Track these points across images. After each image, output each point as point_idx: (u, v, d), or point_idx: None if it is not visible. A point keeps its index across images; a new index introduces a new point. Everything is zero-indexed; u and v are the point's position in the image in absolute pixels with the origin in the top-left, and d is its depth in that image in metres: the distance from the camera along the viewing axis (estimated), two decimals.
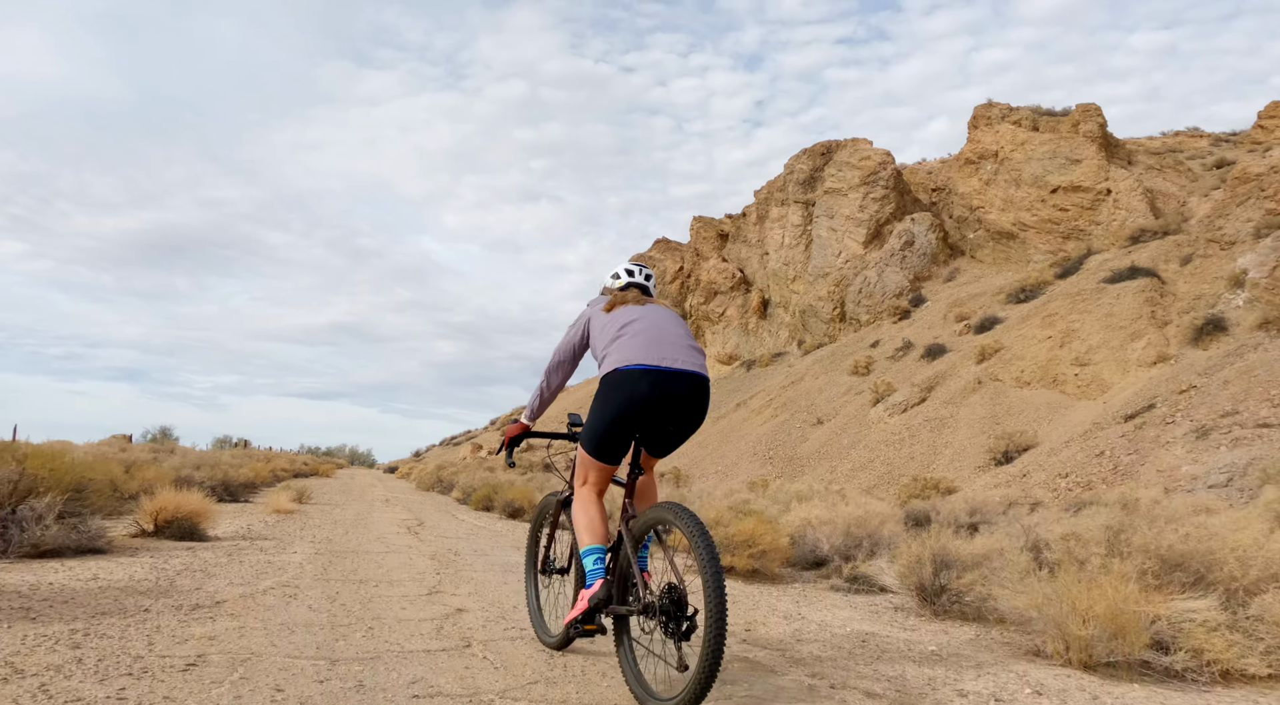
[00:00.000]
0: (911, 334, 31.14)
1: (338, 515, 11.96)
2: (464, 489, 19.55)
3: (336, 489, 21.68)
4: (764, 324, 43.45)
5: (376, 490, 23.65)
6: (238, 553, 7.01)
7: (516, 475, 23.17)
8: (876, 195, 39.01)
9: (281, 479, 24.43)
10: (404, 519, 12.09)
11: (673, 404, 3.57)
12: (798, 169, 44.46)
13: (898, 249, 36.85)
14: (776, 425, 29.18)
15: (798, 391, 31.13)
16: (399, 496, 20.59)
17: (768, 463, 26.86)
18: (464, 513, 15.20)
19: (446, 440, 64.01)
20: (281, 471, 24.48)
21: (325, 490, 19.85)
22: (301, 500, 13.98)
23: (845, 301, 36.98)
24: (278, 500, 11.75)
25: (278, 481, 22.32)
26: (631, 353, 3.61)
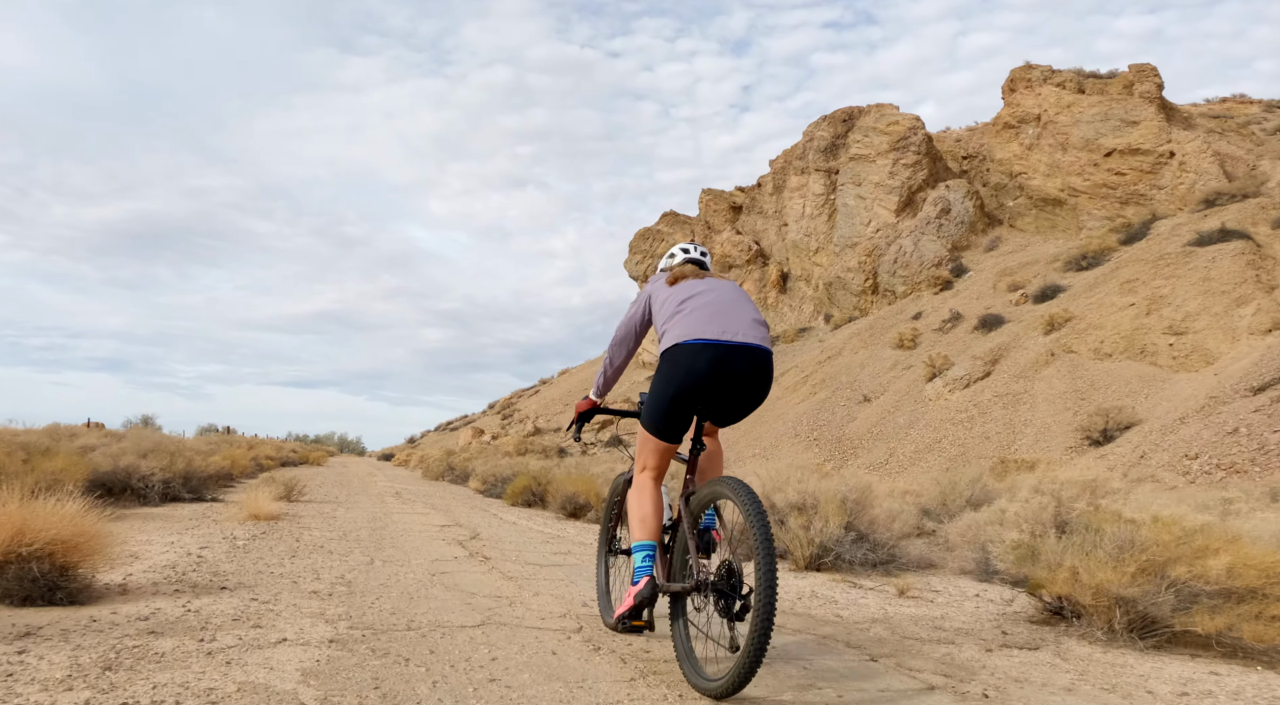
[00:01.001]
0: (958, 305, 28.42)
1: (345, 521, 8.54)
2: (485, 478, 16.60)
3: (332, 480, 18.84)
4: (784, 298, 40.63)
5: (379, 481, 20.63)
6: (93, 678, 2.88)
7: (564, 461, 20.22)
8: (908, 161, 36.20)
9: (268, 468, 21.38)
10: (443, 527, 8.79)
11: (733, 378, 3.38)
12: (818, 136, 41.56)
13: (933, 217, 34.10)
14: (817, 403, 26.43)
15: (836, 367, 28.38)
16: (409, 489, 17.67)
17: (813, 444, 24.12)
18: (506, 511, 12.15)
19: (442, 425, 60.81)
20: (266, 460, 21.34)
21: (319, 482, 16.89)
22: (290, 497, 10.69)
23: (878, 272, 34.20)
24: (257, 499, 8.22)
25: (262, 471, 19.34)
26: (691, 327, 3.44)
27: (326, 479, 19.08)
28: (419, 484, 20.15)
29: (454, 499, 14.15)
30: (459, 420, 59.13)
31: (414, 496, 14.26)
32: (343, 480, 18.83)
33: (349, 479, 20.56)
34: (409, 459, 40.62)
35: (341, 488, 15.02)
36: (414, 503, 12.50)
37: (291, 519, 8.42)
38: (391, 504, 12.02)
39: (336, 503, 11.39)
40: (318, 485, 15.01)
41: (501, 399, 56.28)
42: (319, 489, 13.90)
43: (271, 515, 8.04)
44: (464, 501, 13.69)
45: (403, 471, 30.55)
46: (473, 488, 17.59)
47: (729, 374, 3.35)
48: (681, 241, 5.23)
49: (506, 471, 16.22)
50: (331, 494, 13.07)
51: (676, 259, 4.04)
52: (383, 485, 17.42)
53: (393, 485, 17.62)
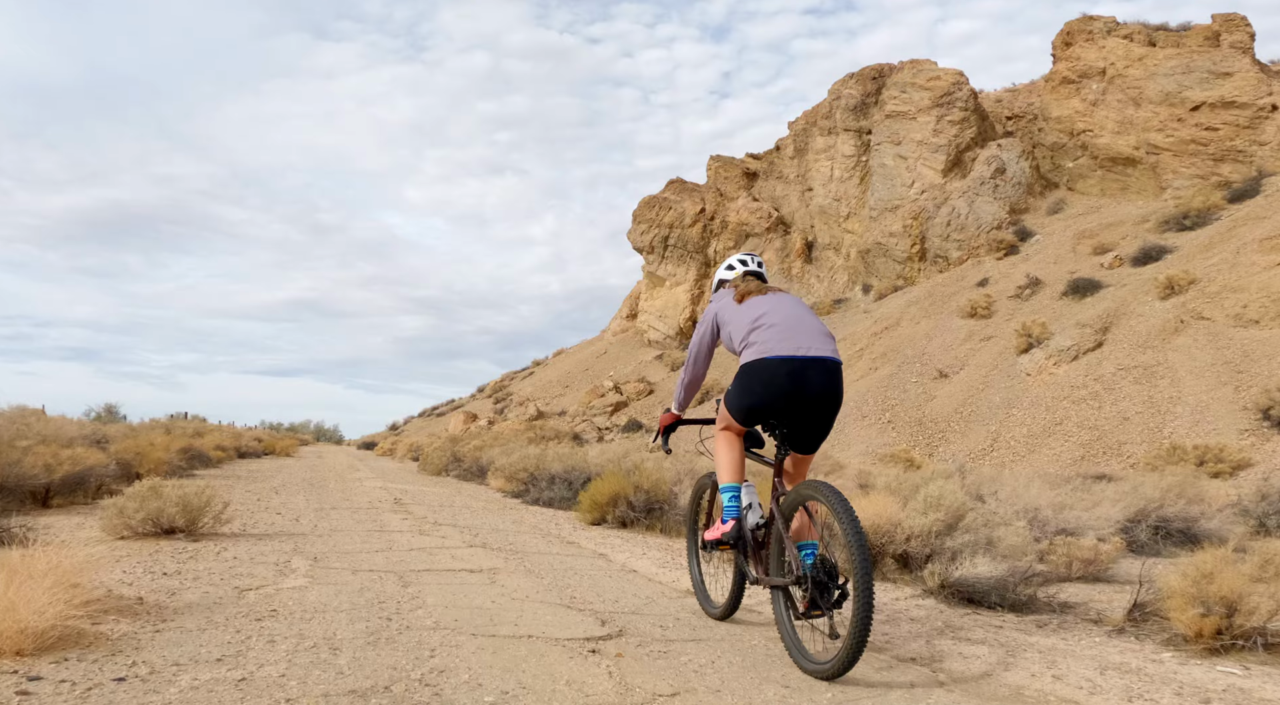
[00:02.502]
0: (1032, 270, 24.60)
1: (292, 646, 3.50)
2: (513, 474, 12.37)
3: (298, 479, 14.51)
4: (811, 269, 36.65)
5: (362, 477, 16.06)
6: None
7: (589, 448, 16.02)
8: (954, 118, 32.29)
9: (220, 460, 16.90)
10: (567, 630, 3.93)
11: (809, 388, 3.62)
12: (845, 94, 37.52)
13: (987, 177, 30.24)
14: (881, 380, 22.47)
15: (896, 339, 24.44)
16: (408, 488, 13.29)
17: (887, 427, 20.15)
18: (615, 541, 7.89)
19: (428, 411, 56.03)
20: (216, 451, 16.77)
21: (276, 484, 12.33)
22: (189, 529, 5.84)
23: (926, 237, 30.29)
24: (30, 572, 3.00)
25: (203, 467, 14.95)
26: (770, 343, 3.67)
27: (291, 477, 14.66)
28: (418, 481, 15.82)
29: (492, 512, 9.59)
30: (445, 405, 54.50)
31: (422, 503, 10.07)
32: (314, 479, 14.32)
33: (322, 476, 16.05)
34: (394, 447, 36.01)
35: (311, 492, 10.57)
36: (439, 529, 7.65)
37: (108, 652, 3.08)
38: (394, 524, 7.73)
39: (290, 536, 6.31)
40: (271, 491, 10.51)
41: (491, 382, 51.76)
42: (270, 499, 9.27)
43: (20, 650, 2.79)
44: (508, 516, 9.30)
45: (390, 464, 26.02)
46: (495, 487, 13.32)
47: (807, 383, 3.60)
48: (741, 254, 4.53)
49: (547, 464, 11.94)
50: (289, 509, 8.22)
51: (737, 271, 4.30)
52: (368, 484, 13.01)
53: (384, 485, 13.20)
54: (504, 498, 11.82)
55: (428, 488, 13.37)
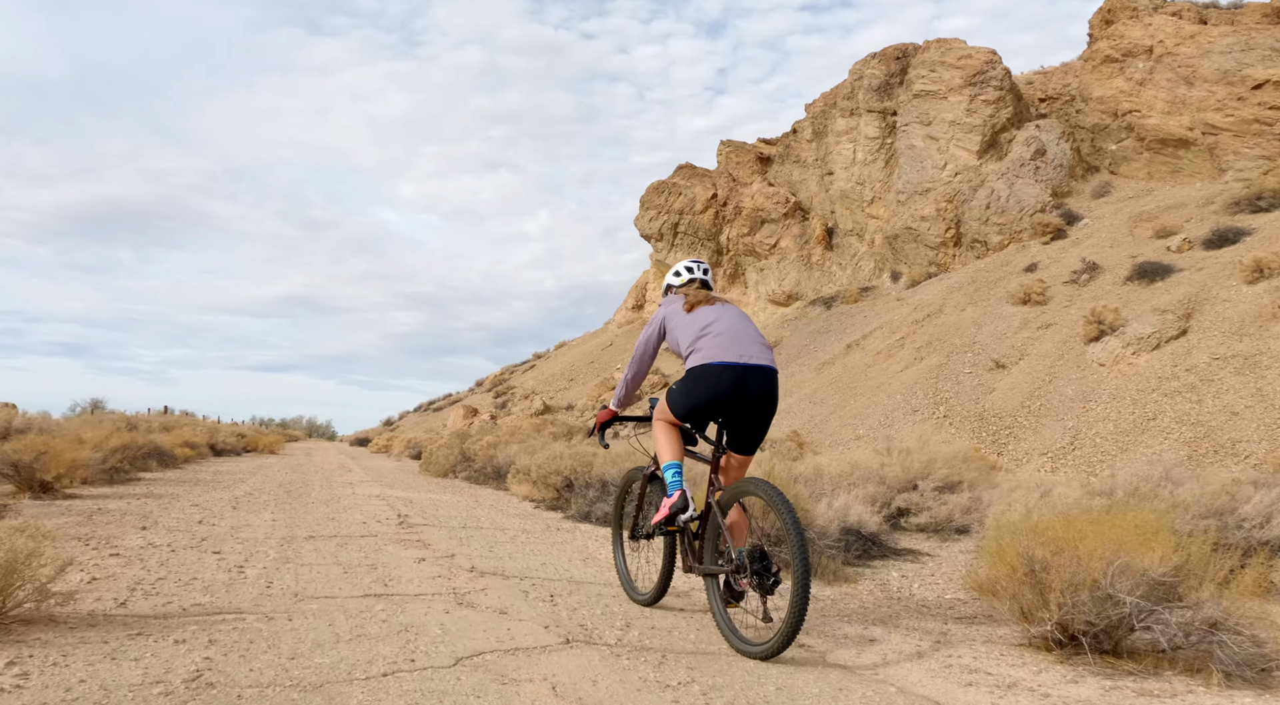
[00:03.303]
0: (1088, 254, 22.59)
1: None
2: (542, 478, 10.18)
3: (277, 479, 12.44)
4: (832, 256, 34.56)
5: (355, 481, 13.68)
6: None
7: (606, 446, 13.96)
8: (989, 97, 30.24)
9: (187, 459, 14.64)
10: None
11: (748, 395, 3.97)
12: (868, 74, 35.42)
13: (1027, 159, 28.21)
14: (928, 370, 20.41)
15: (940, 327, 22.38)
16: (412, 497, 11.09)
17: (943, 421, 18.08)
18: None
19: (423, 406, 53.53)
20: (182, 449, 14.56)
21: (247, 485, 10.52)
22: None
23: (961, 221, 28.24)
24: None
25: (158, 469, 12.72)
26: (716, 351, 4.03)
27: (265, 481, 12.43)
28: (423, 486, 13.62)
29: (542, 541, 7.23)
30: (442, 400, 52.11)
31: (451, 537, 7.30)
32: (294, 484, 12.12)
33: (305, 480, 13.73)
34: (389, 443, 33.73)
35: (284, 506, 8.39)
36: (483, 584, 5.11)
37: None
38: (418, 593, 4.96)
39: (208, 620, 3.90)
40: (228, 506, 8.43)
41: (490, 376, 49.44)
42: (220, 521, 7.01)
43: None
44: (566, 546, 6.93)
45: (386, 462, 23.72)
46: (521, 495, 11.12)
47: (746, 388, 3.98)
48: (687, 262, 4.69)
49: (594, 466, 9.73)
50: (240, 541, 5.85)
51: (683, 278, 4.69)
52: (365, 495, 10.70)
53: (382, 493, 10.97)
54: (535, 509, 9.64)
55: (436, 495, 11.15)
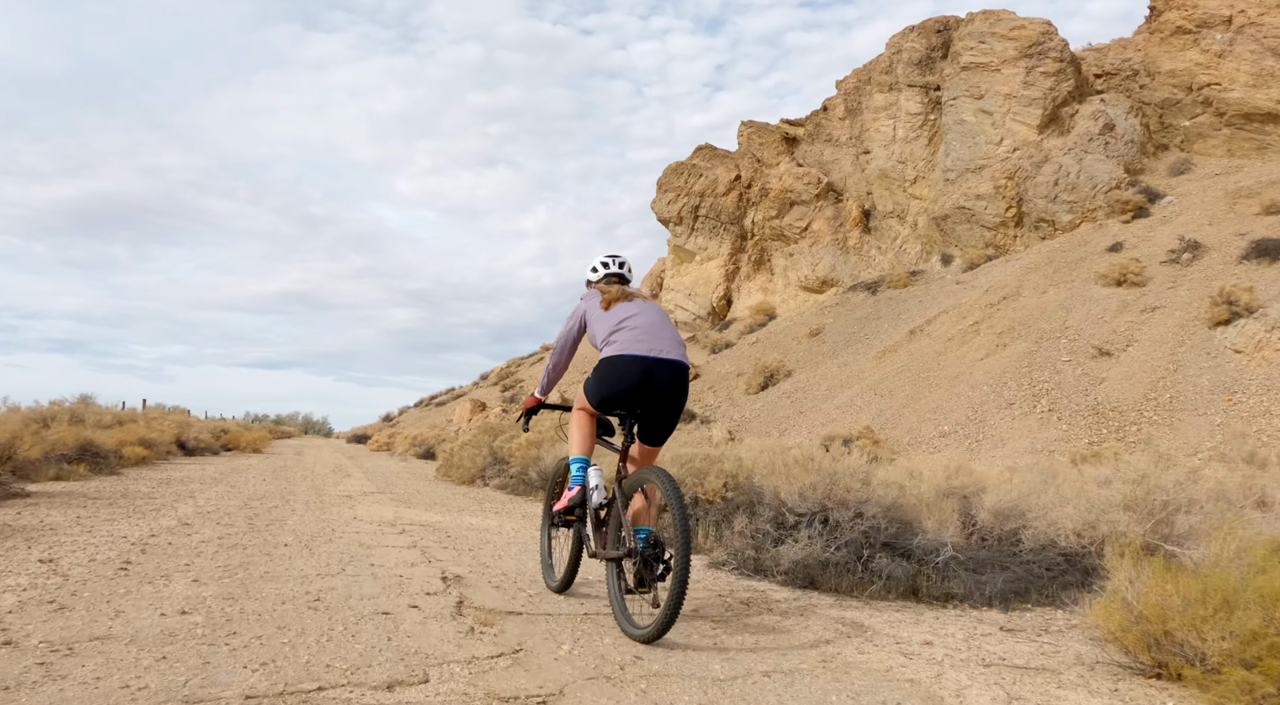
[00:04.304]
0: (1184, 232, 20.07)
1: None
2: None
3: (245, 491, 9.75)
4: (869, 239, 31.93)
5: (356, 493, 11.21)
6: None
7: None
8: (1047, 69, 27.67)
9: (140, 460, 11.83)
10: None
11: (655, 387, 4.06)
12: (907, 48, 32.83)
13: (1095, 134, 25.67)
14: (1014, 360, 17.81)
15: (1020, 312, 19.78)
16: (451, 523, 8.29)
17: (1049, 417, 15.47)
18: None
19: (424, 401, 50.36)
20: (135, 449, 11.72)
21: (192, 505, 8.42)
22: None
23: (1024, 199, 25.65)
24: None
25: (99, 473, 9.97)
26: (627, 344, 4.12)
27: (226, 495, 9.77)
28: (453, 503, 10.74)
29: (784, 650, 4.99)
30: (445, 394, 49.07)
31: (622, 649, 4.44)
32: (268, 499, 9.48)
33: (287, 490, 11.00)
34: (391, 441, 30.74)
35: (236, 552, 5.76)
36: None
37: None
38: None
39: None
40: (111, 564, 6.11)
41: (496, 369, 46.53)
42: (73, 607, 5.14)
43: None
44: None
45: (390, 462, 20.72)
46: None
47: (654, 380, 4.05)
48: (604, 256, 4.62)
49: (741, 471, 7.03)
50: None
51: (599, 273, 4.68)
52: (374, 523, 7.65)
53: (399, 516, 8.24)
54: None
55: (480, 519, 8.21)
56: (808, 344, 25.89)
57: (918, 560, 4.72)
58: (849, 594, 4.71)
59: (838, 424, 18.92)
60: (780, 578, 4.95)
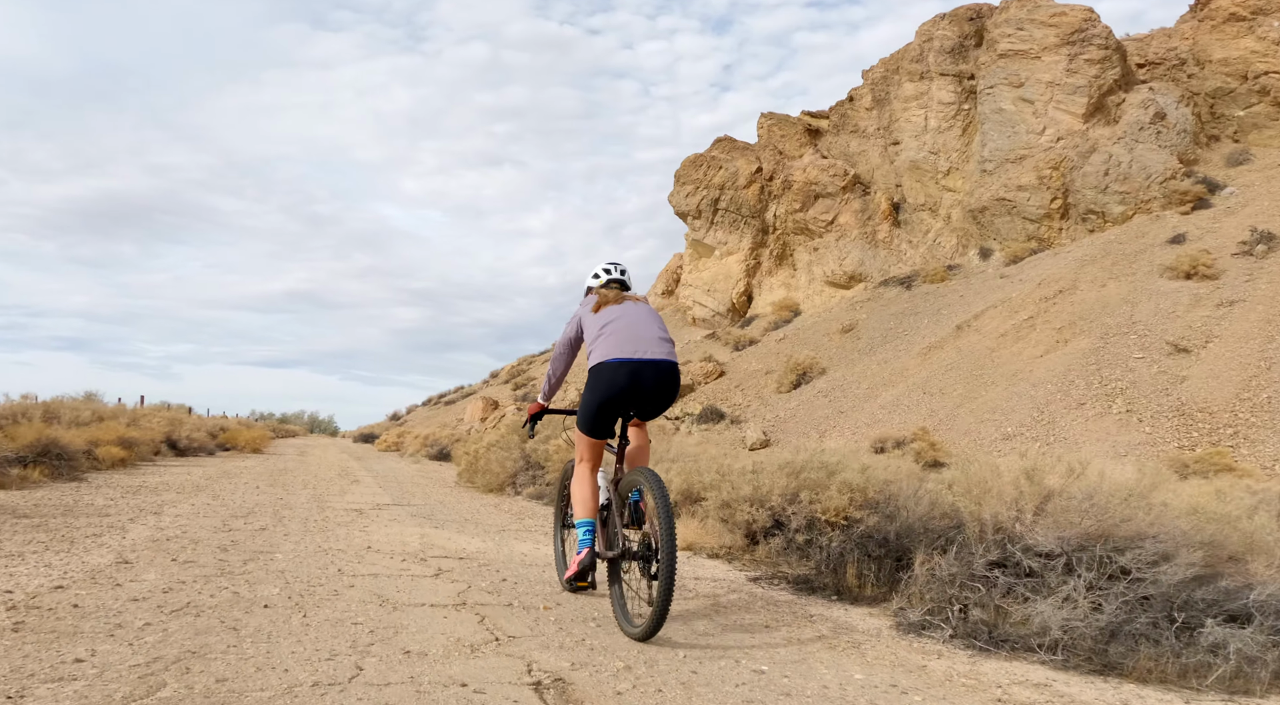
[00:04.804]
0: (1254, 223, 18.69)
1: None
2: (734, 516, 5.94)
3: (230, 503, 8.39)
4: (900, 233, 30.53)
5: (368, 506, 9.70)
6: None
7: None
8: (1091, 57, 26.29)
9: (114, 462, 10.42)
10: None
11: (645, 386, 4.08)
12: (938, 35, 31.48)
13: (1146, 123, 24.29)
14: (1080, 356, 16.42)
15: (1080, 306, 18.39)
16: (499, 553, 6.79)
17: (1128, 419, 14.08)
18: None
19: (433, 399, 48.78)
20: (111, 449, 10.24)
21: (129, 539, 6.15)
22: None
23: (1071, 190, 24.28)
24: None
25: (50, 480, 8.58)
26: (610, 348, 4.11)
27: (206, 510, 8.51)
28: (490, 522, 9.08)
29: None
30: (454, 392, 47.55)
31: None
32: (256, 515, 8.06)
33: (283, 502, 9.78)
34: (400, 440, 29.25)
35: (189, 618, 5.78)
36: None
37: None
38: None
39: None
40: None
41: (507, 366, 45.08)
42: None
43: None
44: None
45: (401, 465, 19.27)
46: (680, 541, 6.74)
47: (642, 383, 4.06)
48: (606, 263, 4.57)
49: (872, 484, 5.62)
50: None
51: (601, 279, 4.66)
52: (396, 556, 5.56)
53: (428, 543, 6.64)
54: (763, 587, 5.25)
55: (530, 546, 6.67)
56: (840, 341, 24.51)
57: (1270, 629, 3.22)
58: (1170, 682, 3.24)
59: (884, 425, 17.55)
60: (1043, 653, 3.46)
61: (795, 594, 4.97)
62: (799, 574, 5.17)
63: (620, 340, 4.10)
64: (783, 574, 5.28)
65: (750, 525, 5.54)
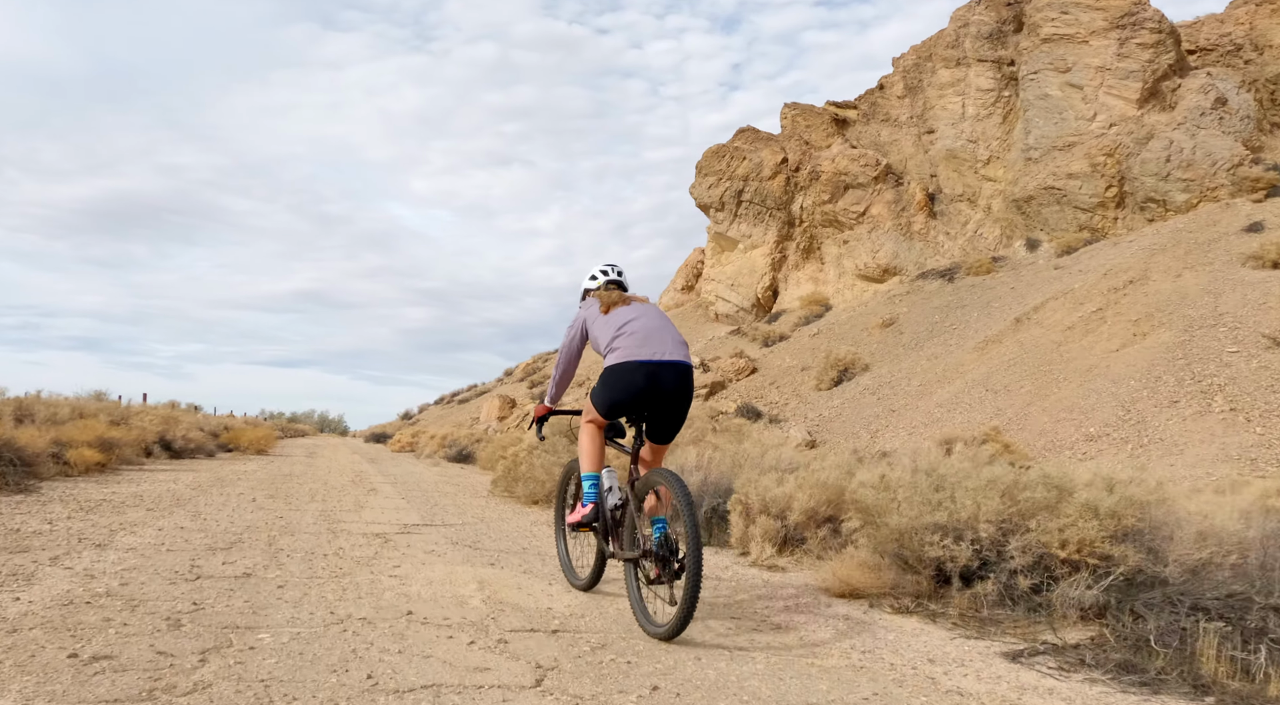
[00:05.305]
0: None
1: None
2: (907, 549, 4.50)
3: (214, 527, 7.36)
4: (936, 224, 29.13)
5: (392, 529, 7.77)
6: None
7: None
8: (1144, 41, 24.88)
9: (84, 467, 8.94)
10: None
11: (661, 390, 4.08)
12: (974, 21, 30.09)
13: (1207, 108, 22.89)
14: (1161, 350, 15.03)
15: (1156, 297, 17.00)
16: (611, 629, 4.25)
17: (1234, 420, 12.64)
18: None
19: (445, 398, 47.29)
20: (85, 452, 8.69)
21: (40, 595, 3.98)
22: None
23: (1127, 177, 22.88)
24: None
25: None
26: (630, 349, 4.11)
27: (174, 537, 6.61)
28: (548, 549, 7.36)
29: None
30: (467, 390, 46.15)
31: None
32: (241, 547, 6.10)
33: (281, 524, 7.99)
34: (415, 440, 27.74)
35: None
36: None
37: None
38: None
39: None
40: None
41: (521, 364, 43.71)
42: None
43: None
44: None
45: (418, 466, 17.68)
46: (817, 580, 4.94)
47: (660, 383, 4.08)
48: (603, 264, 4.57)
49: None
50: None
51: (599, 281, 4.63)
52: (447, 620, 3.69)
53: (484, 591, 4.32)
54: (1048, 675, 3.38)
55: None
56: (880, 335, 23.11)
57: None
58: None
59: (944, 424, 16.15)
60: None
61: (1123, 690, 3.22)
62: (1120, 659, 3.34)
63: (640, 341, 4.12)
64: (1055, 647, 3.61)
65: (943, 563, 4.12)
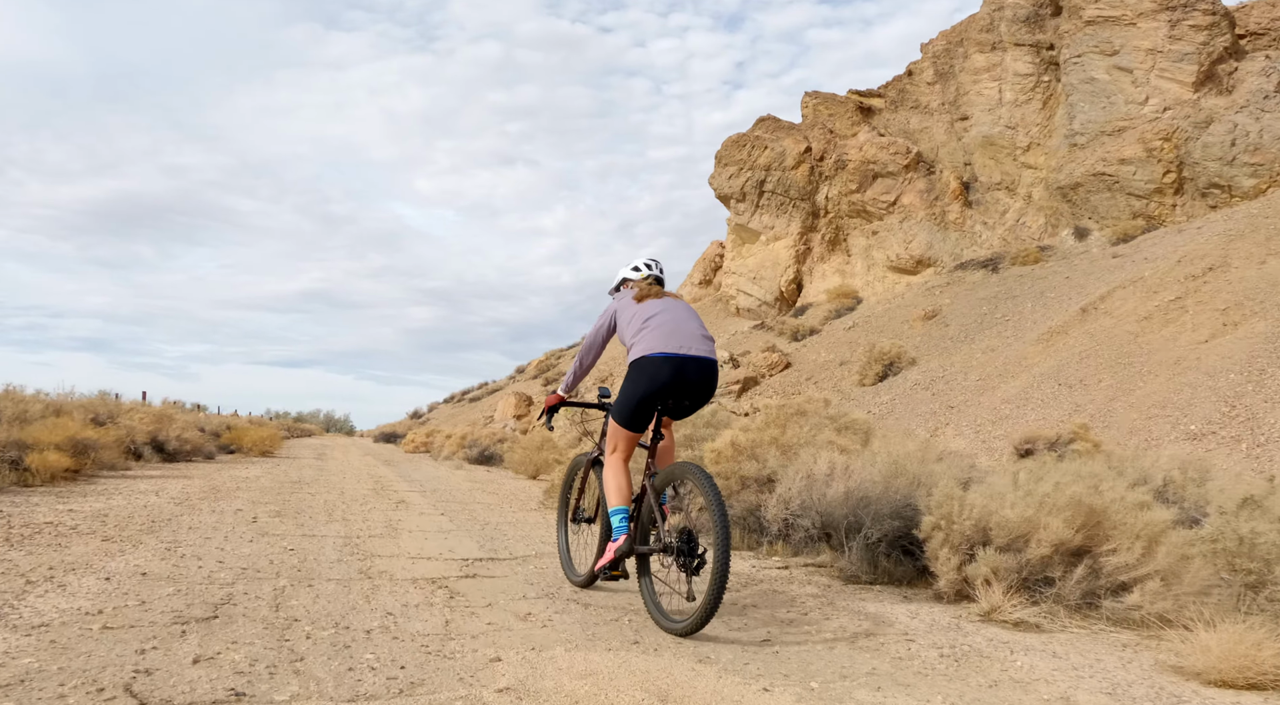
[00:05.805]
0: None
1: None
2: None
3: (168, 597, 4.38)
4: (972, 213, 27.82)
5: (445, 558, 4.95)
6: None
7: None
8: (1196, 22, 23.62)
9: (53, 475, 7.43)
10: None
11: (686, 383, 4.03)
12: (1010, 4, 28.76)
13: (1271, 92, 21.63)
14: (1258, 340, 13.73)
15: (1239, 284, 15.72)
16: None
17: None
18: None
19: (456, 396, 45.94)
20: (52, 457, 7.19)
21: None
22: None
23: (1185, 162, 21.61)
24: None
25: None
26: (655, 342, 4.03)
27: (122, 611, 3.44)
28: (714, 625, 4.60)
29: None
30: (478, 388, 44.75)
31: None
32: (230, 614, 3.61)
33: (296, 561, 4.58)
34: (429, 440, 26.02)
35: None
36: None
37: None
38: None
39: None
40: None
41: (534, 361, 42.34)
42: None
43: None
44: None
45: (439, 469, 15.54)
46: None
47: (685, 378, 4.01)
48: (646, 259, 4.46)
49: None
50: None
51: (641, 274, 4.59)
52: None
53: None
54: None
55: None
56: (923, 328, 21.81)
57: None
58: None
59: (1015, 421, 14.84)
60: None
61: None
62: None
63: (664, 334, 4.05)
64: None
65: None
